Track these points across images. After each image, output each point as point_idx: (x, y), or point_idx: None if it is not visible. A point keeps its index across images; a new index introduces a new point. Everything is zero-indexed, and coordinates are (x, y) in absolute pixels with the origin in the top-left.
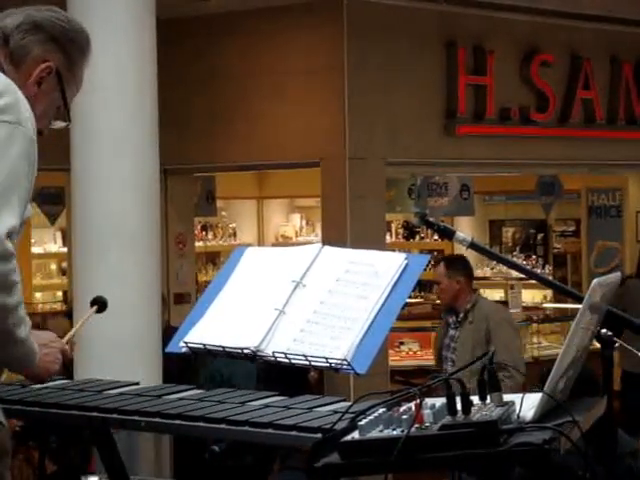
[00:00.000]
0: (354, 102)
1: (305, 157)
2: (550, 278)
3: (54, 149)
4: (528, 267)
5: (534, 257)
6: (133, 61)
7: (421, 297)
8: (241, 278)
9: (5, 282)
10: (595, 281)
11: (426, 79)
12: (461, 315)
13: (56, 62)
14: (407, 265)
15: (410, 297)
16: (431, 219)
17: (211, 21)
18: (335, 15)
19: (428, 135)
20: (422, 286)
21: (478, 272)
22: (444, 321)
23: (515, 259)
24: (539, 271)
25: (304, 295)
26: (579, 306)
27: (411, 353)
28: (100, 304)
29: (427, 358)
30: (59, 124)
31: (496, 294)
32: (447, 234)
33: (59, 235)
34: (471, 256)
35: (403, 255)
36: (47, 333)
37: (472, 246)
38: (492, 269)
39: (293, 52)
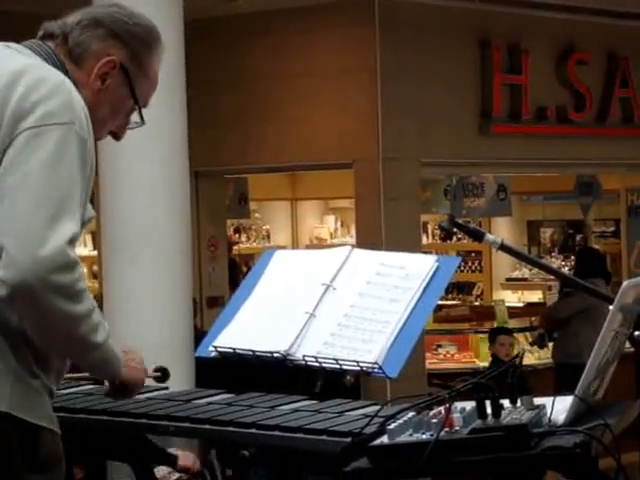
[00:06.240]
0: (387, 102)
1: (338, 158)
2: (583, 281)
3: None
4: (562, 270)
5: (573, 258)
6: (161, 62)
7: (459, 299)
8: (271, 281)
9: (71, 291)
10: (626, 282)
11: (460, 78)
12: None
13: (119, 57)
14: (438, 267)
15: (447, 299)
16: (460, 221)
17: (241, 21)
18: (367, 14)
19: (463, 135)
20: (460, 288)
21: (516, 273)
22: None
23: (553, 260)
24: None
25: (334, 298)
26: None
27: (449, 356)
28: (162, 373)
29: (465, 361)
30: (134, 125)
31: (534, 296)
32: (477, 236)
33: (89, 238)
34: (506, 257)
35: (434, 257)
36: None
37: (502, 248)
38: (530, 270)
39: (325, 52)
